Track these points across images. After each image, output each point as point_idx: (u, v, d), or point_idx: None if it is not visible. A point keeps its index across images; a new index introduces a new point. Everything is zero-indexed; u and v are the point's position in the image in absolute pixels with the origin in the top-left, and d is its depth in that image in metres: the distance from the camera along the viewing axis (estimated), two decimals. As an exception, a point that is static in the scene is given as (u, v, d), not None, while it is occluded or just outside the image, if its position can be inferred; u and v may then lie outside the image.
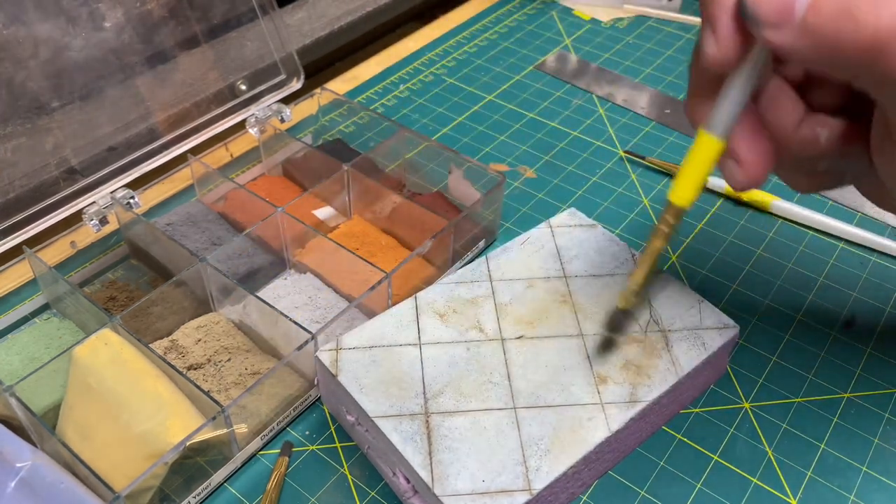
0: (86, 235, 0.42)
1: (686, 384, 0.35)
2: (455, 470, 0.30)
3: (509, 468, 0.31)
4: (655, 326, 0.36)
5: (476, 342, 0.35)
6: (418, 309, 0.37)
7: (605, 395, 0.33)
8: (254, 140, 0.49)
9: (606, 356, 0.35)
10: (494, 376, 0.34)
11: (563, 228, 0.41)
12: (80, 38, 0.41)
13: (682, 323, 0.36)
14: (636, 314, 0.36)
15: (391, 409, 0.32)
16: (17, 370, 0.37)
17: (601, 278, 0.38)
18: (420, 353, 0.35)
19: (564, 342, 0.35)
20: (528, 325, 0.36)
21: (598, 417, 0.32)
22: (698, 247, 0.45)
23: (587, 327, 0.36)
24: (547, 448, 0.31)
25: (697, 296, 0.37)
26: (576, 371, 0.34)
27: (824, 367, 0.39)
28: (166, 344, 0.38)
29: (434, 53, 0.62)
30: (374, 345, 0.35)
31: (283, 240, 0.42)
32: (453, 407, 0.33)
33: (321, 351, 0.35)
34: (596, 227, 0.41)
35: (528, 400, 0.33)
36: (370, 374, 0.34)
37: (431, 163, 0.49)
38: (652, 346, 0.35)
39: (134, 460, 0.32)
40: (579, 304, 0.37)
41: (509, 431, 0.32)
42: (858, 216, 0.47)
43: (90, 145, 0.42)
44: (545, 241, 0.40)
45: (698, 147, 0.29)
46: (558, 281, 0.38)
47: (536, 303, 0.37)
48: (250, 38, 0.48)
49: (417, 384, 0.33)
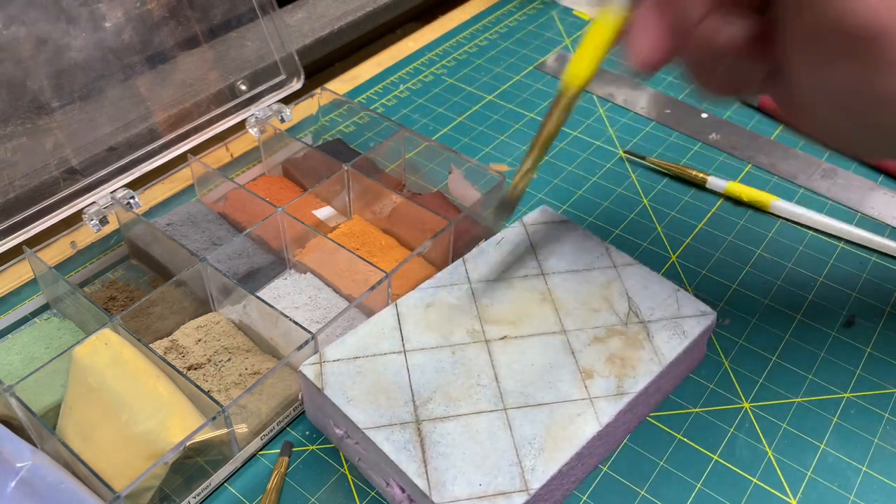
0: (86, 235, 0.42)
1: (669, 373, 0.36)
2: (451, 476, 0.30)
3: (505, 469, 0.31)
4: (635, 318, 0.36)
5: (461, 345, 0.35)
6: (399, 316, 0.36)
7: (592, 389, 0.34)
8: (254, 140, 0.49)
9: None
10: (482, 378, 0.34)
11: (537, 226, 0.41)
12: (80, 38, 0.41)
13: (662, 313, 0.37)
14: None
15: (381, 420, 0.32)
16: (17, 370, 0.37)
17: (578, 273, 0.39)
18: (406, 361, 0.34)
19: (548, 339, 0.36)
20: (510, 324, 0.36)
21: (587, 412, 0.33)
22: (698, 247, 0.45)
23: (569, 323, 0.36)
24: (540, 446, 0.31)
25: (673, 285, 0.38)
26: (561, 368, 0.34)
27: (824, 367, 0.39)
28: (166, 344, 0.38)
29: (434, 53, 0.62)
30: (358, 355, 0.35)
31: (283, 240, 0.42)
32: (443, 412, 0.32)
33: (305, 365, 0.34)
34: (568, 223, 0.41)
35: (517, 400, 0.33)
36: (357, 386, 0.33)
37: (431, 163, 0.49)
38: (633, 337, 0.36)
39: (134, 460, 0.32)
40: (559, 301, 0.37)
41: (501, 433, 0.32)
42: (858, 216, 0.47)
43: (90, 145, 0.42)
44: (520, 240, 0.40)
45: (596, 22, 0.28)
46: (536, 279, 0.38)
47: (517, 302, 0.37)
48: (250, 38, 0.48)
49: (405, 392, 0.33)
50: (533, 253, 0.40)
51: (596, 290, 0.38)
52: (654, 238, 0.46)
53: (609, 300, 0.37)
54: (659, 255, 0.45)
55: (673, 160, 0.51)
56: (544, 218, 0.42)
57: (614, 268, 0.39)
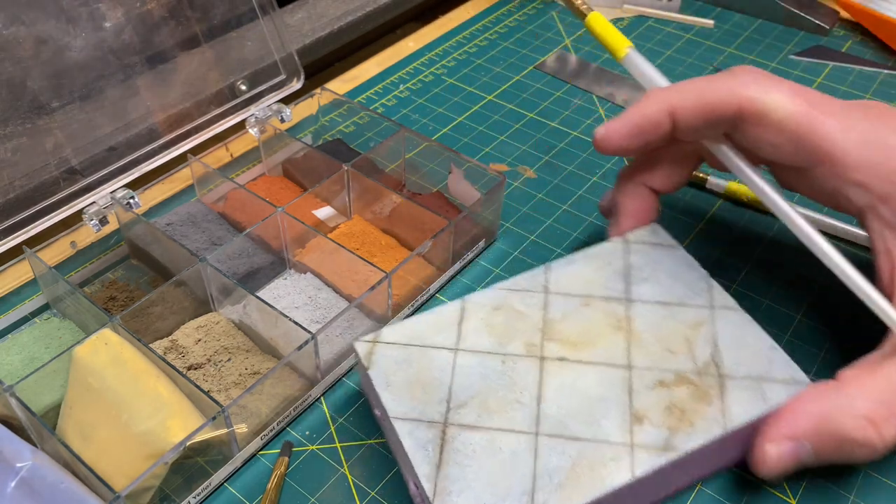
0: (86, 235, 0.42)
1: (733, 439, 0.31)
2: (459, 487, 0.29)
3: (514, 496, 0.29)
4: (714, 369, 0.33)
5: (513, 356, 0.33)
6: (464, 311, 0.35)
7: (637, 435, 0.30)
8: (254, 140, 0.49)
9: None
10: (524, 396, 0.32)
11: (640, 245, 0.38)
12: (80, 38, 0.41)
13: (747, 370, 0.32)
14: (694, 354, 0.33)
15: (411, 412, 0.31)
16: (17, 370, 0.37)
17: (668, 306, 0.35)
18: (454, 360, 0.33)
19: (608, 372, 0.33)
20: (573, 346, 0.34)
21: (623, 459, 0.30)
22: (698, 247, 0.45)
23: (637, 359, 0.33)
24: (560, 482, 0.29)
25: (772, 341, 0.34)
26: (612, 404, 0.31)
27: (824, 367, 0.39)
28: (166, 344, 0.38)
29: (434, 53, 0.62)
30: (412, 342, 0.34)
31: (283, 240, 0.42)
32: (474, 421, 0.31)
33: (359, 341, 0.34)
34: (675, 249, 0.38)
35: (553, 427, 0.31)
36: (399, 373, 0.33)
37: (431, 163, 0.49)
38: (704, 390, 0.32)
39: (134, 460, 0.32)
40: (635, 333, 0.34)
41: (525, 457, 0.30)
42: (858, 216, 0.47)
43: (90, 145, 0.42)
44: (616, 257, 0.37)
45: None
46: (619, 303, 0.35)
47: (589, 324, 0.34)
48: (250, 38, 0.48)
49: (443, 391, 0.32)
50: (625, 273, 0.36)
51: (680, 329, 0.34)
52: (654, 238, 0.46)
53: (691, 343, 0.34)
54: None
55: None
56: (651, 238, 0.38)
57: (710, 308, 0.35)
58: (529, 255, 0.45)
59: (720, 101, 0.33)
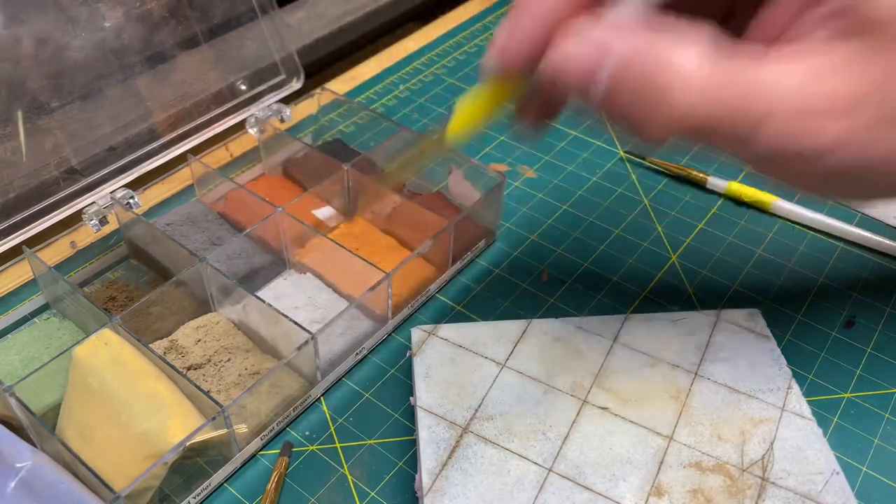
0: (86, 235, 0.42)
1: None
2: (454, 492, 0.29)
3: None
4: (759, 471, 0.31)
5: (556, 391, 0.33)
6: (526, 332, 0.35)
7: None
8: (254, 140, 0.49)
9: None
10: (551, 431, 0.31)
11: (731, 325, 0.36)
12: (80, 38, 0.41)
13: (795, 482, 0.30)
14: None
15: (437, 408, 0.32)
16: (17, 370, 0.37)
17: (734, 394, 0.33)
18: (497, 374, 0.33)
19: (646, 436, 0.31)
20: (621, 401, 0.33)
21: None
22: (698, 247, 0.45)
23: (682, 435, 0.31)
24: None
25: (835, 463, 0.31)
26: (637, 469, 0.30)
27: (824, 367, 0.39)
28: (166, 344, 0.38)
29: (434, 53, 0.62)
30: (464, 345, 0.34)
31: (282, 240, 0.42)
32: (493, 437, 0.31)
33: (418, 328, 0.35)
34: (766, 339, 0.36)
35: (568, 469, 0.30)
36: (441, 369, 0.34)
37: (431, 163, 0.49)
38: (740, 488, 0.30)
39: (134, 460, 0.32)
40: (690, 408, 0.32)
41: (527, 489, 0.29)
42: (858, 216, 0.47)
43: (90, 145, 0.42)
44: (701, 330, 0.36)
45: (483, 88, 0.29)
46: (685, 375, 0.34)
47: (646, 384, 0.33)
48: (250, 38, 0.48)
49: (475, 399, 0.32)
50: (702, 348, 0.35)
51: (739, 421, 0.32)
52: (654, 238, 0.46)
53: (746, 437, 0.32)
54: (659, 255, 0.45)
55: (673, 160, 0.51)
56: (745, 321, 0.37)
57: (780, 409, 0.33)
58: (529, 255, 0.45)
59: None
